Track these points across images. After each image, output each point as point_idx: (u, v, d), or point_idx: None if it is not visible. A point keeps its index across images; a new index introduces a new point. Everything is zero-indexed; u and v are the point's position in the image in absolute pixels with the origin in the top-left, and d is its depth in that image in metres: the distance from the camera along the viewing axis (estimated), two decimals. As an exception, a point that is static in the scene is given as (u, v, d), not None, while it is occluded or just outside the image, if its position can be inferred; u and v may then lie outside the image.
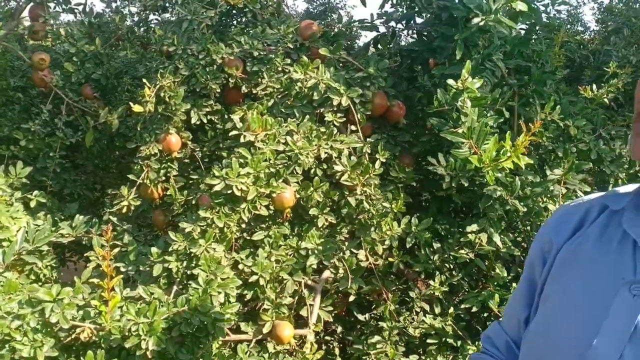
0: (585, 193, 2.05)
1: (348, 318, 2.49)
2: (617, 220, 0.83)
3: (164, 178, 2.12)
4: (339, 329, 2.48)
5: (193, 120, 2.08)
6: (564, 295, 0.84)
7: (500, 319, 1.05)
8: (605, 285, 0.78)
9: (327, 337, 2.54)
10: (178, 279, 1.79)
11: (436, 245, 2.17)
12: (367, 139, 2.01)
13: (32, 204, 2.21)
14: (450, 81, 1.76)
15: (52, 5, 2.67)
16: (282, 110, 2.03)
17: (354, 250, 2.04)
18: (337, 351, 2.47)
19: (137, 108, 1.93)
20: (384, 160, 1.99)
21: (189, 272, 1.80)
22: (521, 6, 1.84)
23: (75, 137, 2.50)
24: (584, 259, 0.84)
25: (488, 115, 1.88)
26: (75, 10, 2.74)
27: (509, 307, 1.02)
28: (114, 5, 2.80)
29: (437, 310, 2.22)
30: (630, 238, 0.79)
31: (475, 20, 1.87)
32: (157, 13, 2.73)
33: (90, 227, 2.11)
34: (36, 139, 2.52)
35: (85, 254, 2.07)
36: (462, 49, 1.96)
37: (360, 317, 2.30)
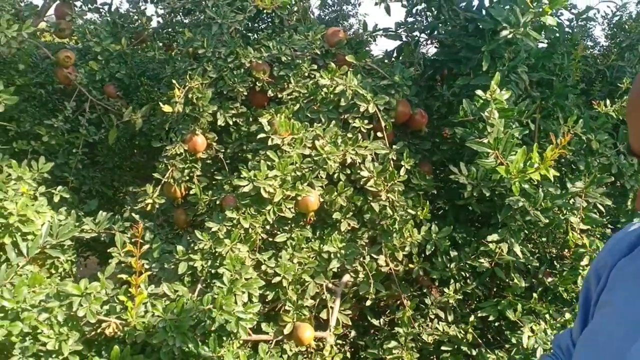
0: (606, 207, 2.07)
1: (361, 323, 2.50)
2: None
3: (187, 178, 2.14)
4: (352, 334, 2.49)
5: (219, 122, 2.10)
6: (614, 304, 0.88)
7: (572, 326, 1.12)
8: None
9: (340, 341, 2.55)
10: (202, 277, 1.81)
11: (453, 253, 2.18)
12: (393, 146, 2.03)
13: (56, 199, 2.22)
14: (479, 92, 1.78)
15: (78, 3, 2.70)
16: (308, 115, 2.05)
17: (374, 256, 2.05)
18: (349, 355, 2.48)
19: (166, 108, 1.95)
20: (409, 168, 2.01)
21: (213, 271, 1.81)
22: (550, 20, 1.87)
23: (98, 134, 2.52)
24: (633, 275, 0.89)
25: (513, 126, 1.90)
26: (101, 10, 2.77)
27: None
28: (139, 6, 2.82)
29: (450, 318, 2.23)
30: None
31: (504, 32, 1.90)
32: (181, 15, 2.76)
33: (113, 223, 2.13)
34: (58, 135, 2.55)
35: (107, 250, 2.09)
36: (489, 61, 1.98)
37: (375, 322, 2.31)
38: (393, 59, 2.49)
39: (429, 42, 2.51)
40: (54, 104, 2.84)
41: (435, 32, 2.40)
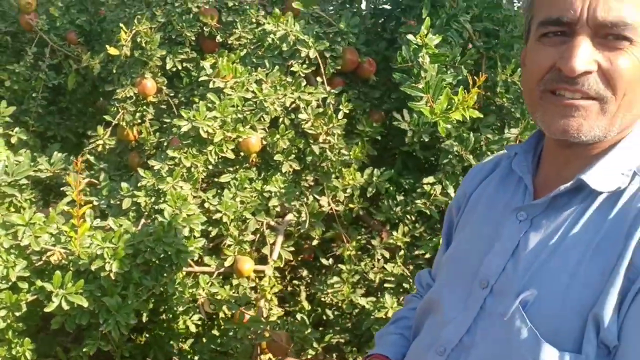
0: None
1: (314, 263, 2.64)
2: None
3: (139, 121, 2.22)
4: (305, 273, 2.64)
5: (168, 66, 2.17)
6: (469, 226, 0.99)
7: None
8: (500, 216, 0.92)
9: (295, 282, 2.71)
10: (146, 213, 1.91)
11: (399, 197, 2.28)
12: (331, 91, 2.10)
13: (13, 140, 2.30)
14: (410, 36, 1.84)
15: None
16: (254, 60, 2.11)
17: (317, 197, 2.15)
18: (303, 295, 2.64)
19: (112, 51, 2.01)
20: (348, 112, 2.08)
21: (156, 207, 1.91)
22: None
23: (57, 79, 2.59)
24: (486, 198, 0.99)
25: (448, 72, 1.96)
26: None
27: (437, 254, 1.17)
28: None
29: (400, 260, 2.35)
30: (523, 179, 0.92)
31: (442, -21, 1.94)
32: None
33: (69, 164, 2.22)
34: (21, 81, 2.61)
35: (62, 190, 2.18)
36: (429, 8, 2.03)
37: (325, 261, 2.44)
38: (347, 8, 2.53)
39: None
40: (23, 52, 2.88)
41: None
